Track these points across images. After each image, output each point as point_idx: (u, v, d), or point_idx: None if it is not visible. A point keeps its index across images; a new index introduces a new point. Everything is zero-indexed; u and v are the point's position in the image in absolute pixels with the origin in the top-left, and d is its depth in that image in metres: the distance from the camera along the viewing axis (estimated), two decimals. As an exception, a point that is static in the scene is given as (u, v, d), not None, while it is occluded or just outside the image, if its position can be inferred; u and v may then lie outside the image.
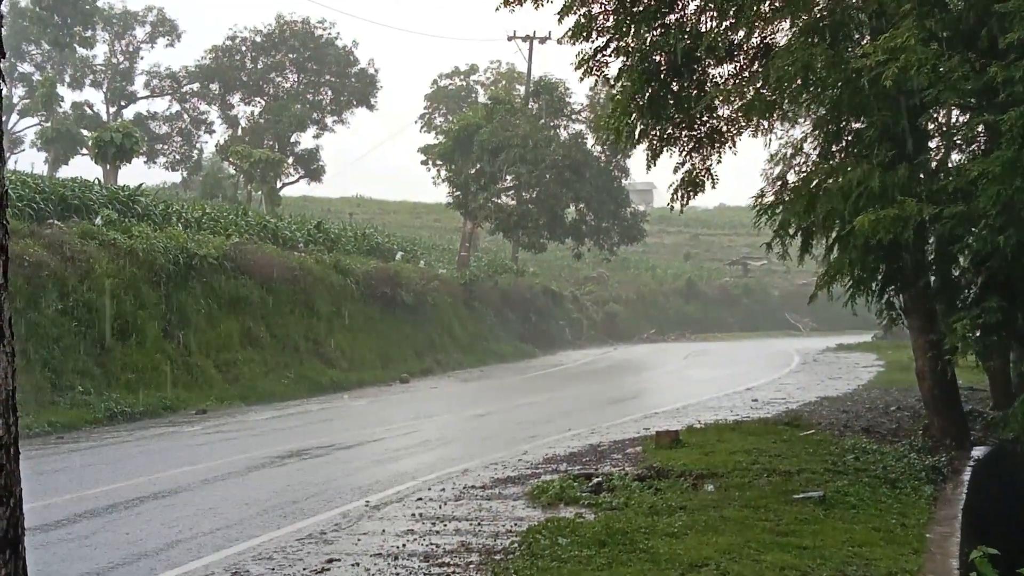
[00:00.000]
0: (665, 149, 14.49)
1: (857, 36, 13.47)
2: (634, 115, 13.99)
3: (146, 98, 69.96)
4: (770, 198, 14.83)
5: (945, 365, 15.12)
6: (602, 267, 63.13)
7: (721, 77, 14.30)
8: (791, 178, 15.66)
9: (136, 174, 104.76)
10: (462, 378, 34.53)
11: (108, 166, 44.58)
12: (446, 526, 10.26)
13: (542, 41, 55.23)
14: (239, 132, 68.54)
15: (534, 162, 46.64)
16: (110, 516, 11.49)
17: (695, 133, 14.53)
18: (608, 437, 16.97)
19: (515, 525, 10.14)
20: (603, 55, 13.86)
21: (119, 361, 23.41)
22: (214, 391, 25.48)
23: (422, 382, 32.72)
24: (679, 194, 14.84)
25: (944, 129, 14.65)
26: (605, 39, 13.69)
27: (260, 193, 58.26)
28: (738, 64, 14.32)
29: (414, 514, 10.92)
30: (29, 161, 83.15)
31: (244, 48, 68.37)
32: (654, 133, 14.17)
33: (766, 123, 15.33)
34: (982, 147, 13.01)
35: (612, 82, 14.31)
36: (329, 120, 69.75)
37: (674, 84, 13.96)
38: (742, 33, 13.63)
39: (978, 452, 14.97)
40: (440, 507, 11.27)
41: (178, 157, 69.71)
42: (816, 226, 14.62)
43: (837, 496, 10.98)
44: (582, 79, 14.56)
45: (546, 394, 27.34)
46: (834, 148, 14.96)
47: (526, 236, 50.61)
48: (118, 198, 29.52)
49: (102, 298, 23.42)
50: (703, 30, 13.50)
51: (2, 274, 3.97)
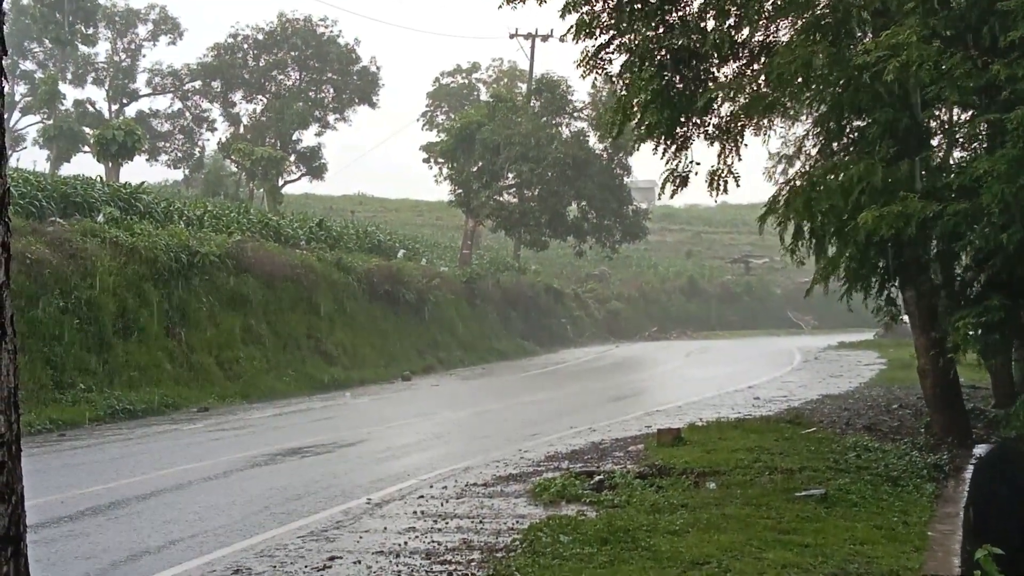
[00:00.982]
0: (667, 145, 14.45)
1: (859, 34, 13.44)
2: (636, 111, 13.97)
3: (148, 96, 70.02)
4: (782, 200, 14.81)
5: (947, 363, 15.11)
6: (604, 265, 63.12)
7: (724, 76, 14.27)
8: (796, 180, 15.64)
9: (138, 172, 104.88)
10: (464, 376, 34.54)
11: (110, 164, 44.64)
12: (448, 524, 10.26)
13: (544, 39, 55.25)
14: (241, 130, 68.53)
15: (536, 160, 46.63)
16: (112, 513, 11.49)
17: (694, 130, 14.49)
18: (610, 435, 16.97)
19: (517, 523, 10.15)
20: (605, 53, 13.85)
21: (121, 358, 23.42)
22: (216, 389, 25.50)
23: (424, 380, 32.72)
24: (668, 186, 14.83)
25: (946, 127, 14.63)
26: (607, 37, 13.68)
27: (262, 191, 58.27)
28: (741, 62, 14.30)
29: (416, 512, 10.92)
30: (31, 159, 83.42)
31: (246, 46, 68.32)
32: (658, 130, 14.13)
33: (767, 121, 15.32)
34: (984, 145, 13.00)
35: (614, 80, 14.29)
36: (331, 118, 69.71)
37: (676, 81, 13.94)
38: (745, 31, 13.61)
39: (980, 450, 14.95)
40: (442, 505, 11.28)
41: (180, 155, 69.71)
42: (819, 225, 14.59)
43: (839, 494, 10.97)
44: (584, 76, 14.53)
45: (548, 392, 27.34)
46: (835, 146, 14.94)
47: (528, 234, 50.60)
48: (120, 196, 29.53)
49: (104, 296, 23.44)
50: (705, 28, 13.48)
51: (4, 272, 3.98)
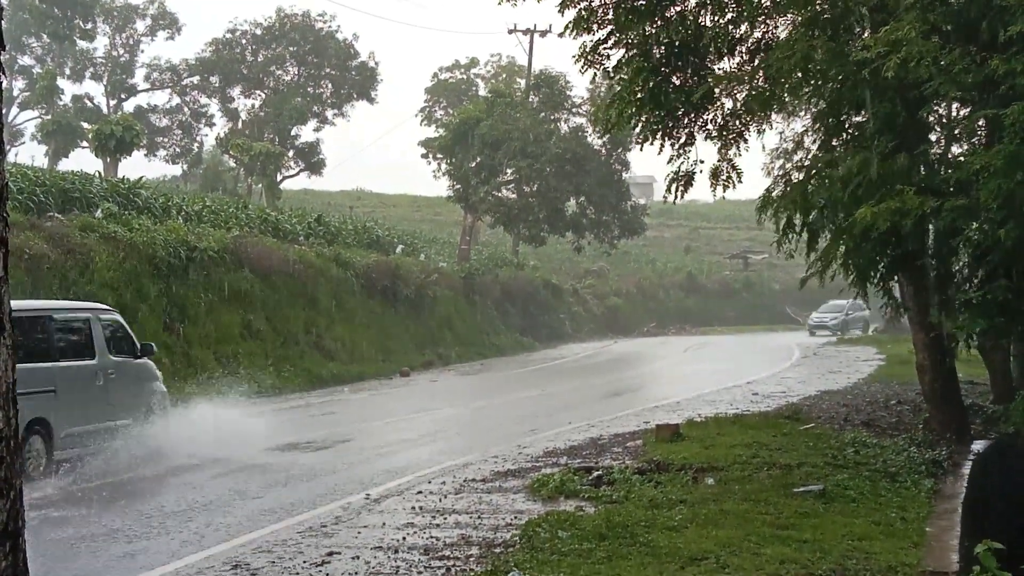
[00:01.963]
0: (664, 141, 14.44)
1: (858, 29, 13.44)
2: (633, 107, 13.96)
3: (146, 91, 69.98)
4: (777, 193, 14.79)
5: (946, 359, 15.11)
6: (602, 260, 63.09)
7: (722, 71, 14.26)
8: (793, 172, 15.64)
9: (136, 167, 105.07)
10: (462, 371, 34.54)
11: (108, 159, 44.58)
12: (446, 519, 10.26)
13: (543, 34, 55.20)
14: (239, 125, 68.48)
15: (534, 155, 46.60)
16: (110, 509, 11.49)
17: (692, 128, 14.49)
18: (608, 430, 16.98)
19: (515, 518, 10.15)
20: (604, 48, 13.84)
21: (119, 354, 23.38)
22: (214, 384, 25.47)
23: (422, 375, 32.71)
24: (674, 186, 14.82)
25: (945, 122, 14.62)
26: (606, 32, 13.67)
27: (260, 186, 58.24)
28: (739, 58, 14.29)
29: (414, 507, 10.93)
30: (29, 154, 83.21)
31: (244, 41, 68.29)
32: (656, 124, 14.13)
33: (766, 116, 15.31)
34: (982, 140, 13.00)
35: (612, 74, 14.28)
36: (329, 113, 69.72)
37: (674, 77, 13.93)
38: (743, 27, 13.60)
39: (978, 446, 14.97)
40: (440, 500, 11.28)
41: (178, 150, 69.68)
42: (816, 218, 14.60)
43: (837, 490, 10.98)
44: (583, 72, 14.53)
45: (546, 388, 27.33)
46: (834, 141, 14.93)
47: (526, 229, 50.57)
48: (118, 191, 29.49)
49: (102, 291, 23.40)
50: (704, 24, 13.48)
51: (2, 267, 3.98)
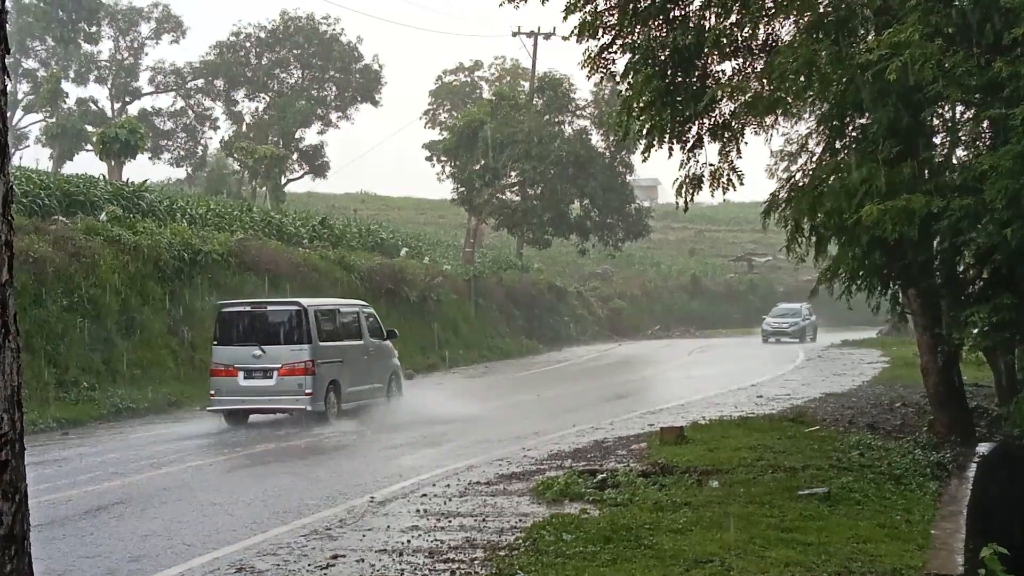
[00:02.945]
0: (673, 144, 14.44)
1: (862, 32, 13.44)
2: (642, 112, 13.96)
3: (151, 94, 70.10)
4: (783, 196, 14.79)
5: (950, 361, 15.10)
6: (607, 263, 63.07)
7: (725, 74, 14.28)
8: (797, 175, 15.64)
9: (140, 170, 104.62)
10: (466, 374, 34.55)
11: (113, 162, 44.66)
12: (451, 522, 10.26)
13: (547, 37, 55.15)
14: (244, 128, 68.54)
15: (539, 158, 46.60)
16: (115, 511, 11.51)
17: (700, 130, 14.48)
18: (613, 433, 16.97)
19: (520, 521, 10.15)
20: (609, 52, 13.85)
21: (124, 357, 23.44)
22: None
23: (426, 378, 32.69)
24: (684, 191, 14.81)
25: (949, 125, 14.61)
26: (611, 36, 13.67)
27: (264, 189, 58.30)
28: (743, 60, 14.29)
29: (419, 510, 10.93)
30: (34, 157, 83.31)
31: (248, 44, 68.35)
32: (663, 128, 14.12)
33: (770, 119, 15.31)
34: (987, 142, 12.99)
35: (618, 79, 14.29)
36: (334, 116, 69.74)
37: (679, 80, 13.93)
38: (747, 30, 13.60)
39: (983, 448, 14.95)
40: (445, 503, 11.28)
41: (182, 153, 69.76)
42: (822, 223, 14.59)
43: (842, 492, 10.97)
44: (589, 77, 14.54)
45: (550, 390, 27.32)
46: (838, 144, 14.93)
47: (531, 232, 50.58)
48: (123, 194, 29.55)
49: (107, 294, 23.46)
50: (707, 26, 13.48)
51: (7, 270, 3.98)
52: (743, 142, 14.72)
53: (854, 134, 14.65)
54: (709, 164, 14.62)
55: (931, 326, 15.32)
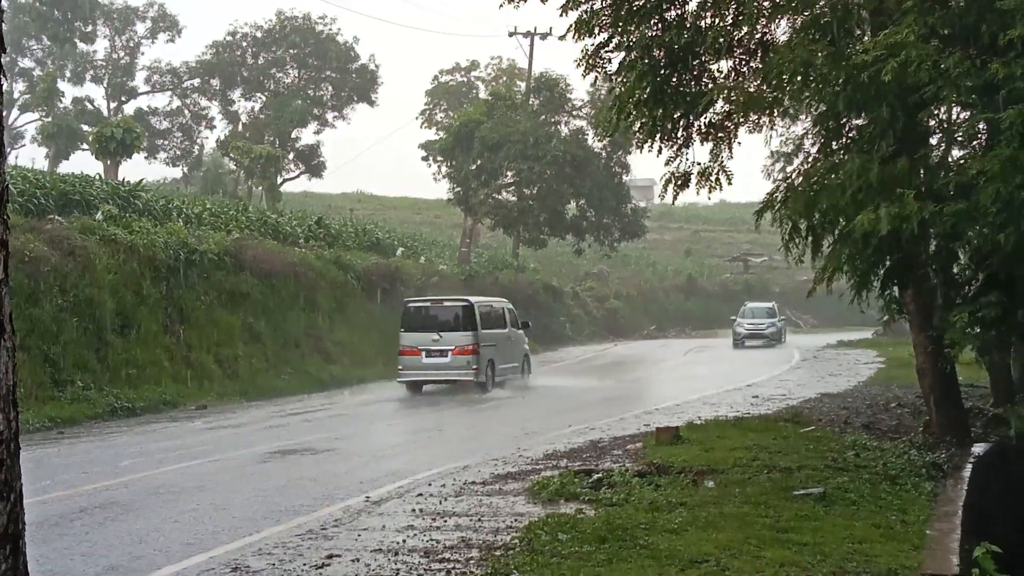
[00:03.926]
0: (663, 143, 14.45)
1: (858, 32, 13.44)
2: (634, 109, 13.96)
3: (147, 93, 69.99)
4: (779, 196, 14.78)
5: (945, 362, 15.10)
6: (603, 263, 63.09)
7: (720, 73, 14.28)
8: (793, 176, 15.63)
9: (136, 170, 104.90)
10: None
11: (109, 161, 44.60)
12: (446, 522, 10.26)
13: (543, 37, 55.19)
14: (240, 128, 68.49)
15: (535, 158, 46.58)
16: (110, 511, 11.50)
17: (691, 130, 14.49)
18: (608, 433, 16.98)
19: (515, 521, 10.15)
20: (605, 51, 13.85)
21: (119, 356, 23.44)
22: (214, 386, 25.52)
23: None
24: (670, 187, 14.83)
25: (945, 126, 14.62)
26: (607, 35, 13.68)
27: (261, 189, 58.26)
28: (738, 60, 14.29)
29: (414, 510, 10.93)
30: (30, 156, 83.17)
31: (245, 44, 68.30)
32: (654, 126, 14.13)
33: (767, 119, 15.31)
34: (983, 144, 13.00)
35: (613, 78, 14.29)
36: (330, 116, 69.73)
37: (673, 79, 13.93)
38: (743, 29, 13.61)
39: (978, 449, 14.95)
40: (440, 503, 11.28)
41: (178, 153, 69.67)
42: (818, 224, 14.59)
43: (837, 492, 10.98)
44: (584, 76, 14.52)
45: (545, 390, 27.33)
46: (834, 145, 14.93)
47: (527, 232, 50.56)
48: (119, 193, 29.55)
49: (103, 293, 23.44)
50: (703, 26, 13.48)
51: (3, 269, 3.98)
52: (736, 142, 14.75)
53: (850, 134, 14.66)
54: (697, 163, 14.64)
55: (926, 327, 15.32)
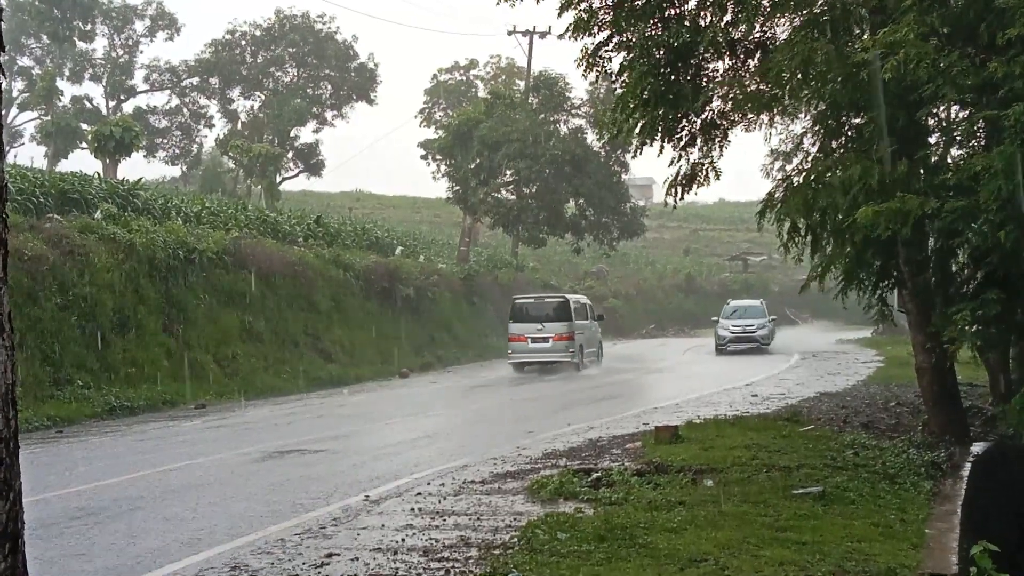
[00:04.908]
0: (665, 142, 14.45)
1: (857, 31, 13.45)
2: (636, 110, 13.96)
3: (146, 92, 69.95)
4: (778, 195, 14.79)
5: (944, 361, 15.10)
6: (602, 262, 63.09)
7: (719, 72, 14.28)
8: (792, 174, 15.64)
9: (135, 168, 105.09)
10: (462, 373, 34.56)
11: (107, 160, 44.61)
12: (445, 521, 10.26)
13: (542, 36, 55.19)
14: (239, 126, 68.50)
15: (534, 157, 46.57)
16: (109, 510, 11.49)
17: (692, 127, 14.49)
18: (607, 432, 16.97)
19: (514, 520, 10.14)
20: (604, 51, 13.85)
21: (118, 355, 23.44)
22: (213, 386, 25.52)
23: (421, 377, 32.74)
24: (675, 189, 14.82)
25: (944, 125, 14.62)
26: (606, 34, 13.67)
27: (259, 187, 58.26)
28: (737, 59, 14.29)
29: (413, 509, 10.92)
30: (28, 155, 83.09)
31: (244, 42, 68.30)
32: (655, 126, 14.13)
33: (766, 118, 15.32)
34: (982, 142, 13.00)
35: (614, 77, 14.28)
36: (329, 114, 69.74)
37: (673, 78, 13.94)
38: (742, 28, 13.61)
39: (978, 448, 14.95)
40: (439, 502, 11.27)
41: (177, 151, 69.68)
42: (816, 223, 14.60)
43: (836, 491, 10.97)
44: (584, 76, 14.51)
45: (546, 389, 27.34)
46: (834, 144, 14.94)
47: (526, 231, 50.56)
48: (117, 192, 29.53)
49: (101, 292, 23.44)
50: (702, 25, 13.48)
51: (2, 268, 3.97)
52: (728, 141, 14.76)
53: (849, 133, 14.66)
54: (699, 162, 14.64)
55: (925, 325, 15.33)
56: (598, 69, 14.14)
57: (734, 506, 10.27)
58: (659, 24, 13.55)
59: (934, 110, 13.78)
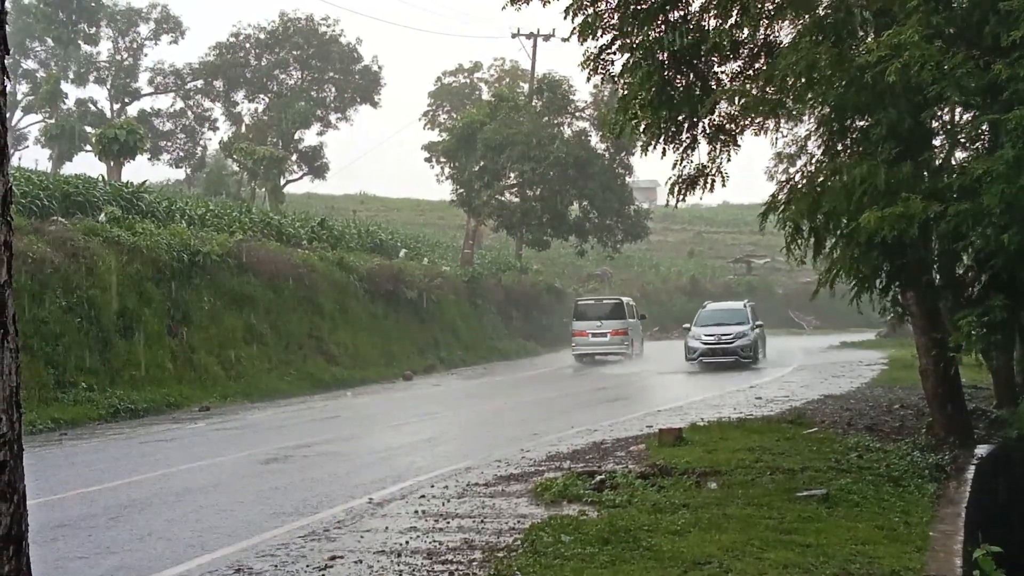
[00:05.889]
0: (667, 145, 14.44)
1: (862, 34, 13.42)
2: (638, 112, 13.95)
3: (150, 95, 70.01)
4: (782, 197, 14.77)
5: (948, 363, 15.08)
6: (606, 264, 63.04)
7: (724, 75, 14.26)
8: (796, 177, 15.61)
9: (140, 171, 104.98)
10: (465, 375, 34.57)
11: (112, 163, 44.67)
12: (449, 523, 10.26)
13: (546, 38, 55.19)
14: (243, 129, 68.52)
15: (538, 159, 46.56)
16: (113, 513, 11.50)
17: (695, 131, 14.47)
18: (611, 435, 16.97)
19: (518, 523, 10.14)
20: (608, 53, 13.84)
21: (123, 358, 23.46)
22: (217, 388, 25.53)
23: (425, 379, 32.75)
24: (676, 190, 14.81)
25: (948, 127, 14.60)
26: (610, 37, 13.66)
27: (264, 190, 58.33)
28: (741, 62, 14.28)
29: (417, 511, 10.93)
30: (33, 158, 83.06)
31: (248, 45, 68.31)
32: (658, 128, 14.12)
33: (771, 122, 15.29)
34: (986, 145, 12.98)
35: (617, 80, 14.27)
36: (333, 117, 69.73)
37: (677, 81, 13.93)
38: (746, 31, 13.59)
39: (982, 450, 14.94)
40: (443, 504, 11.28)
41: (182, 154, 69.71)
42: (821, 225, 14.57)
43: (840, 494, 10.96)
44: (589, 79, 14.52)
45: (549, 391, 27.34)
46: (839, 146, 14.91)
47: (530, 233, 50.55)
48: (122, 195, 29.56)
49: (106, 295, 23.47)
50: (706, 28, 13.47)
51: (6, 271, 3.98)
52: (739, 145, 14.72)
53: (854, 136, 14.63)
54: (703, 165, 14.62)
55: (929, 328, 15.30)
56: (602, 72, 14.13)
57: (738, 509, 10.26)
58: (663, 26, 13.54)
59: (938, 112, 13.77)
